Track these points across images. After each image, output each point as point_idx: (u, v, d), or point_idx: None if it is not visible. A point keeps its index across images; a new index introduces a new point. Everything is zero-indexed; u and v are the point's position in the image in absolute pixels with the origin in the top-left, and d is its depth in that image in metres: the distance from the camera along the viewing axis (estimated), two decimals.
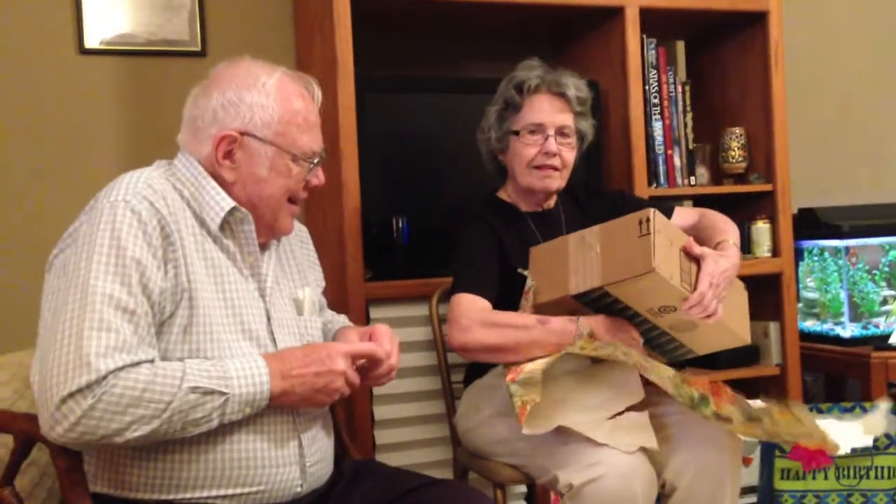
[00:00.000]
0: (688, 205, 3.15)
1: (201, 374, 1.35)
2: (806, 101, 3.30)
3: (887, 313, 2.88)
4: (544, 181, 2.01)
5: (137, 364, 1.31)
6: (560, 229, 2.07)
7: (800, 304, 2.90)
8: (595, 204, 2.16)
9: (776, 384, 2.71)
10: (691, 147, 2.75)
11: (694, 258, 1.79)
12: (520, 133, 2.00)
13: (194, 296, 1.41)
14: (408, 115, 2.46)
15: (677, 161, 2.71)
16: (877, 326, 2.87)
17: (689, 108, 2.75)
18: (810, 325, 2.98)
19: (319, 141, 1.57)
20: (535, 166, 2.00)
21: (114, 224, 1.35)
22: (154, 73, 2.54)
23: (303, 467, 1.50)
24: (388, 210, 2.32)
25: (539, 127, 1.99)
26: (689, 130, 2.75)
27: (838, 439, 1.73)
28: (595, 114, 2.12)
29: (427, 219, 2.36)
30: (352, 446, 1.84)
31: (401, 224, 2.32)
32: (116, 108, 2.52)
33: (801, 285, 2.95)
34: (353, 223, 2.24)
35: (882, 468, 2.44)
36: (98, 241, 1.35)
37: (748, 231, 2.76)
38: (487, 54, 2.83)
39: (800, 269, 2.96)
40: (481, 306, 1.87)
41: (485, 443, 1.95)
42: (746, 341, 1.93)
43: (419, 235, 2.33)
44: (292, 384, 1.42)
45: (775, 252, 2.75)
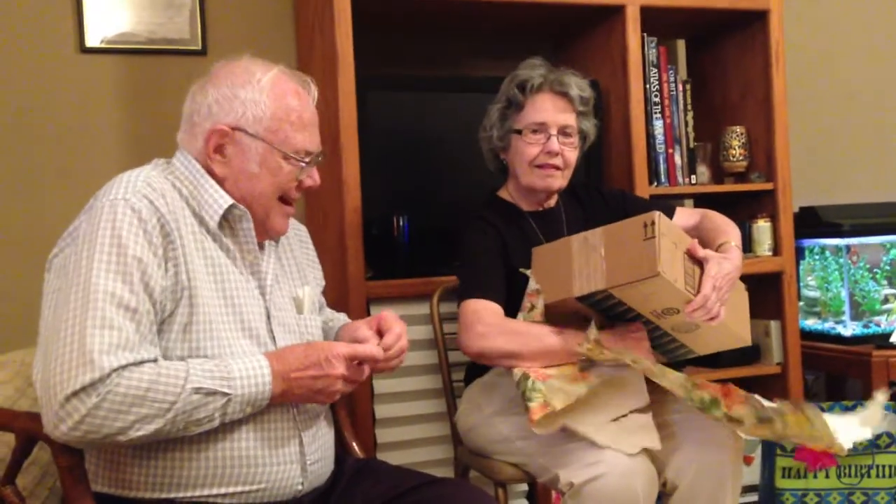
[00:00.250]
0: (689, 204, 3.15)
1: (205, 375, 1.35)
2: (807, 100, 3.29)
3: (888, 312, 2.88)
4: (546, 180, 2.01)
5: (141, 363, 1.31)
6: (561, 228, 2.07)
7: (801, 303, 2.90)
8: (596, 203, 2.15)
9: (777, 383, 2.71)
10: (692, 146, 2.75)
11: (697, 260, 1.79)
12: (522, 132, 1.99)
13: (194, 294, 1.41)
14: (408, 113, 2.46)
15: (678, 160, 2.71)
16: (878, 325, 2.87)
17: (689, 107, 2.75)
18: (811, 323, 2.98)
19: (315, 141, 1.55)
20: (537, 165, 2.00)
21: (114, 222, 1.36)
22: (155, 71, 2.54)
23: (303, 466, 1.50)
24: (389, 209, 2.32)
25: (541, 126, 1.98)
26: (689, 129, 2.75)
27: (842, 438, 1.72)
28: (596, 113, 2.12)
29: (428, 217, 2.36)
30: (353, 445, 1.84)
31: (401, 223, 2.32)
32: (117, 106, 2.52)
33: (801, 284, 2.95)
34: (353, 222, 2.24)
35: (883, 467, 2.44)
36: (99, 240, 1.35)
37: (749, 230, 2.76)
38: (488, 53, 2.83)
39: (801, 267, 2.96)
40: (494, 311, 1.87)
41: (486, 441, 1.95)
42: (747, 342, 1.93)
43: (420, 234, 2.33)
44: (291, 386, 1.43)
45: (776, 251, 2.75)
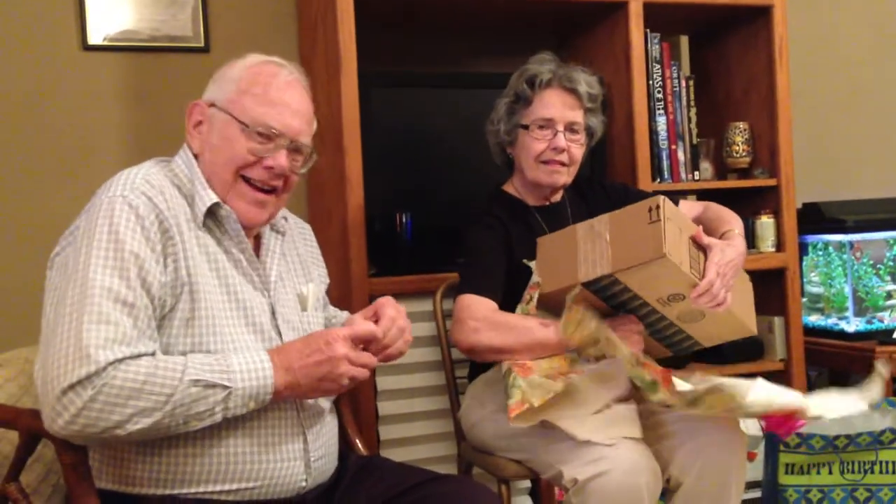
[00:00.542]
0: (692, 199, 3.15)
1: (203, 368, 1.34)
2: (810, 96, 3.29)
3: (892, 308, 2.88)
4: (552, 176, 2.01)
5: (138, 356, 1.32)
6: (567, 222, 2.06)
7: (804, 299, 2.90)
8: (599, 197, 2.16)
9: (780, 379, 2.70)
10: (695, 142, 2.74)
11: (701, 248, 1.80)
12: (529, 127, 1.99)
13: (195, 289, 1.41)
14: (411, 111, 2.46)
15: (681, 156, 2.70)
16: (881, 321, 2.87)
17: (692, 103, 2.74)
18: (815, 319, 2.98)
19: (284, 123, 1.49)
20: (543, 161, 2.00)
21: (111, 219, 1.36)
22: (157, 69, 2.54)
23: (307, 462, 1.50)
24: (392, 206, 2.32)
25: (549, 122, 1.98)
26: (692, 125, 2.74)
27: (825, 407, 1.69)
28: (604, 109, 2.12)
29: (431, 215, 2.36)
30: (356, 442, 1.85)
31: (404, 220, 2.32)
32: (119, 104, 2.52)
33: (805, 280, 2.95)
34: (356, 219, 2.24)
35: (887, 462, 2.43)
36: (96, 237, 1.35)
37: (752, 226, 2.75)
38: (492, 50, 2.83)
39: (804, 263, 2.95)
40: (487, 306, 1.88)
41: (489, 438, 1.95)
42: (753, 331, 1.93)
43: (423, 231, 2.33)
44: (296, 377, 1.41)
45: (779, 247, 2.75)
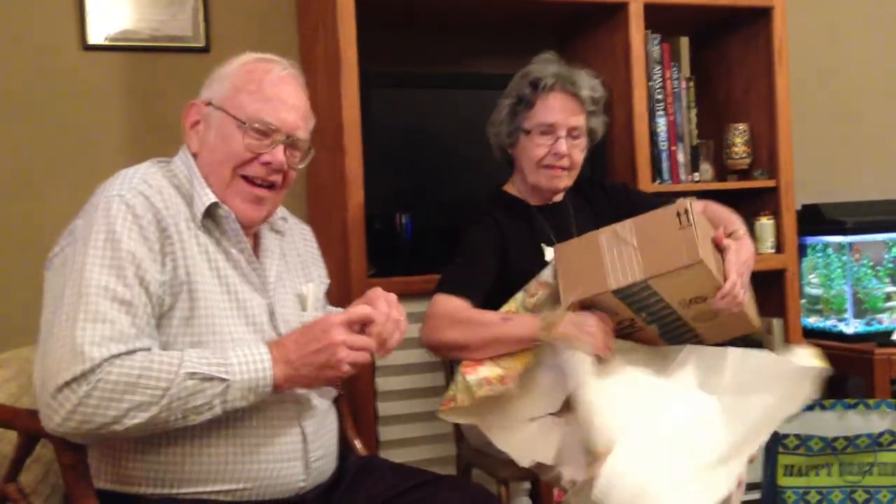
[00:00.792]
0: (691, 200, 3.14)
1: (200, 361, 1.34)
2: (810, 97, 3.29)
3: (891, 310, 2.88)
4: (553, 181, 2.01)
5: (133, 352, 1.32)
6: (569, 223, 2.07)
7: (803, 301, 2.90)
8: (599, 197, 2.16)
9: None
10: (695, 143, 2.74)
11: (717, 248, 1.81)
12: (531, 133, 1.99)
13: (194, 288, 1.41)
14: (412, 111, 2.45)
15: (681, 157, 2.70)
16: (880, 323, 2.87)
17: (692, 104, 2.75)
18: (814, 321, 2.98)
19: (280, 118, 1.49)
20: (545, 165, 2.00)
21: (108, 218, 1.36)
22: (158, 69, 2.54)
23: (306, 462, 1.50)
24: (392, 206, 2.32)
25: (551, 128, 1.98)
26: (692, 126, 2.74)
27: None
28: (606, 110, 2.11)
29: (430, 215, 2.35)
30: (356, 443, 1.85)
31: (404, 220, 2.31)
32: (120, 104, 2.52)
33: (804, 281, 2.95)
34: (356, 219, 2.24)
35: (885, 465, 2.44)
36: (94, 236, 1.36)
37: (752, 227, 2.75)
38: (492, 50, 2.82)
39: (803, 265, 2.95)
40: (454, 305, 1.85)
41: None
42: (758, 327, 1.95)
43: (422, 232, 2.33)
44: (296, 367, 1.39)
45: (779, 248, 2.75)
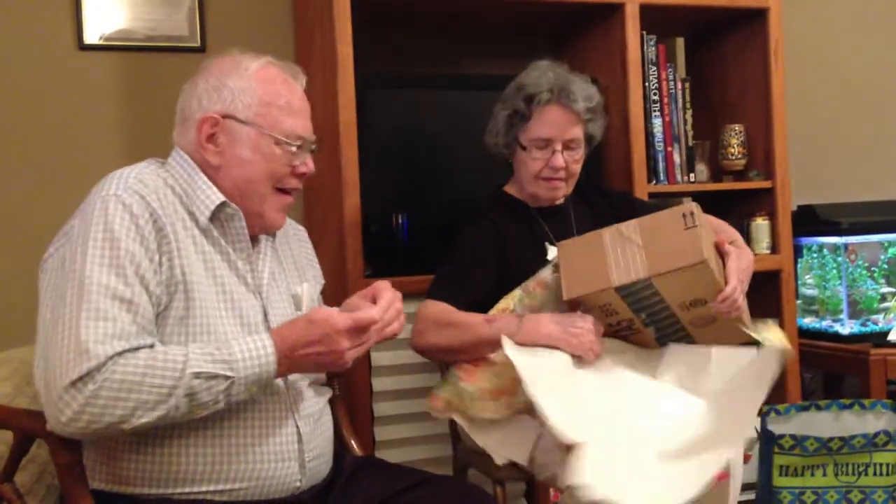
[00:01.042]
0: (687, 201, 3.15)
1: (205, 359, 1.34)
2: (805, 98, 3.30)
3: (886, 310, 2.88)
4: (551, 192, 2.03)
5: (137, 349, 1.32)
6: (569, 225, 2.07)
7: (799, 301, 2.90)
8: (601, 202, 2.16)
9: (776, 381, 2.71)
10: (691, 144, 2.75)
11: (720, 254, 1.82)
12: (527, 148, 1.99)
13: (190, 288, 1.41)
14: (408, 111, 2.45)
15: (677, 158, 2.71)
16: (875, 323, 2.87)
17: (688, 105, 2.75)
18: (809, 321, 2.98)
19: (307, 128, 1.56)
20: (542, 178, 2.00)
21: (106, 218, 1.36)
22: (154, 68, 2.54)
23: (302, 462, 1.50)
24: (388, 207, 2.32)
25: (547, 142, 1.97)
26: (688, 127, 2.75)
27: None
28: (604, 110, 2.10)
29: (427, 215, 2.36)
30: (352, 442, 1.85)
31: (400, 221, 2.32)
32: (116, 104, 2.52)
33: (799, 282, 2.95)
34: (352, 220, 2.24)
35: (880, 465, 2.43)
36: (92, 236, 1.35)
37: (747, 228, 2.76)
38: (488, 51, 2.82)
39: (799, 265, 2.96)
40: (440, 308, 1.87)
41: None
42: (752, 337, 1.94)
43: (419, 232, 2.33)
44: (298, 363, 1.41)
45: (774, 249, 2.75)
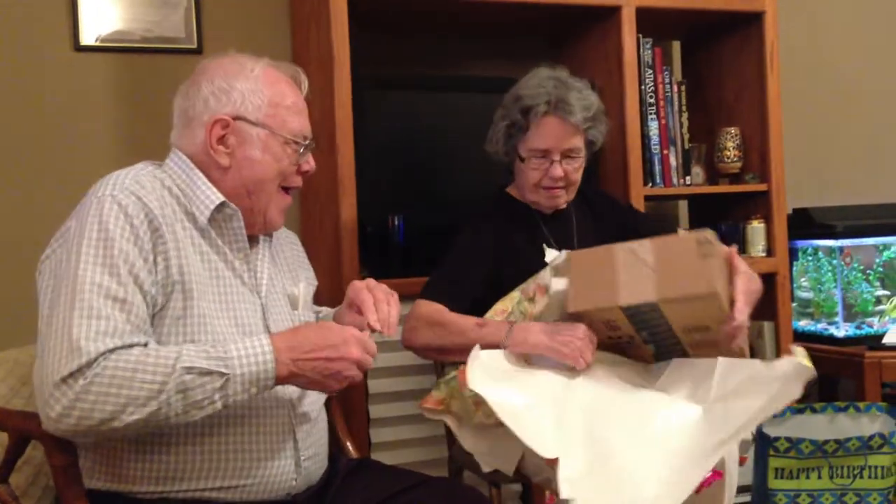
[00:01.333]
0: (683, 205, 3.16)
1: (198, 355, 1.32)
2: (801, 102, 3.30)
3: (881, 313, 2.89)
4: (551, 200, 2.03)
5: (130, 347, 1.32)
6: (571, 229, 2.08)
7: (794, 304, 2.91)
8: (605, 210, 2.17)
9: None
10: (687, 147, 2.75)
11: (730, 269, 1.78)
12: (525, 159, 1.99)
13: (188, 288, 1.41)
14: (404, 112, 2.45)
15: (673, 161, 2.71)
16: (871, 326, 2.88)
17: (684, 108, 2.75)
18: (804, 324, 2.99)
19: (309, 127, 1.59)
20: (543, 187, 2.00)
21: (101, 217, 1.37)
22: (150, 70, 2.54)
23: (297, 461, 1.51)
24: (384, 208, 2.32)
25: (545, 153, 1.97)
26: (684, 130, 2.75)
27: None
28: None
29: (423, 217, 2.36)
30: (347, 444, 1.85)
31: (396, 222, 2.32)
32: (112, 105, 2.51)
33: (795, 285, 2.96)
34: (348, 221, 2.24)
35: (875, 468, 2.44)
36: (86, 235, 1.36)
37: (743, 231, 2.77)
38: (485, 52, 2.83)
39: (794, 268, 2.96)
40: (433, 308, 1.87)
41: None
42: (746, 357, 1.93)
43: (415, 233, 2.33)
44: (302, 368, 1.39)
45: (770, 252, 2.76)
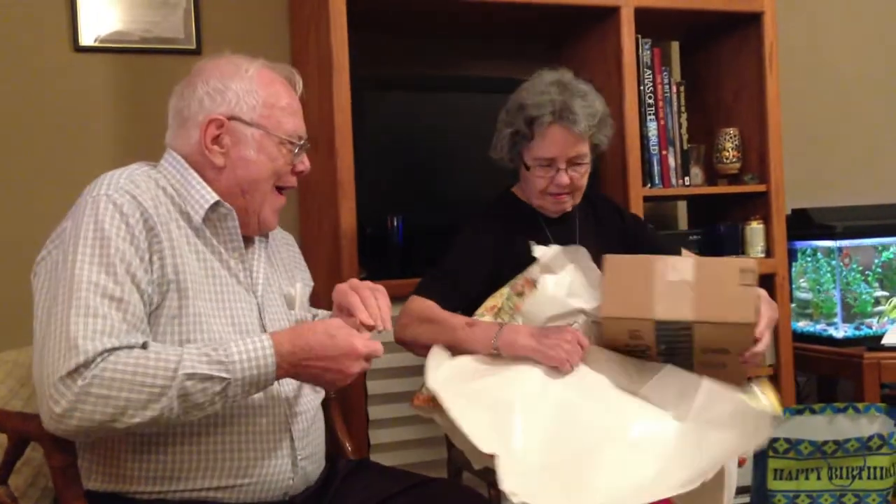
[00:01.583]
0: (682, 207, 3.17)
1: (200, 360, 1.32)
2: (800, 102, 3.31)
3: (880, 314, 2.89)
4: (557, 205, 2.03)
5: (129, 347, 1.32)
6: (573, 232, 2.08)
7: (793, 305, 2.91)
8: (611, 217, 2.17)
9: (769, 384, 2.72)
10: (686, 147, 2.75)
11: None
12: (531, 167, 1.99)
13: (183, 287, 1.42)
14: (404, 113, 2.46)
15: (672, 161, 2.71)
16: (869, 327, 2.88)
17: (683, 109, 2.75)
18: (803, 325, 2.99)
19: (303, 127, 1.60)
20: (548, 193, 2.00)
21: (96, 217, 1.37)
22: (149, 70, 2.53)
23: (294, 460, 1.51)
24: (384, 209, 2.32)
25: (550, 161, 1.97)
26: (683, 131, 2.75)
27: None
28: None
29: (422, 218, 2.36)
30: (346, 446, 1.85)
31: (396, 223, 2.32)
32: (111, 105, 2.51)
33: (794, 286, 2.96)
34: (348, 222, 2.24)
35: (874, 468, 2.44)
36: (83, 235, 1.36)
37: (742, 232, 2.77)
38: (483, 53, 2.83)
39: (793, 269, 2.97)
40: (425, 304, 1.88)
41: None
42: (742, 387, 1.94)
43: (414, 235, 2.33)
44: (299, 372, 1.41)
45: (769, 252, 2.76)
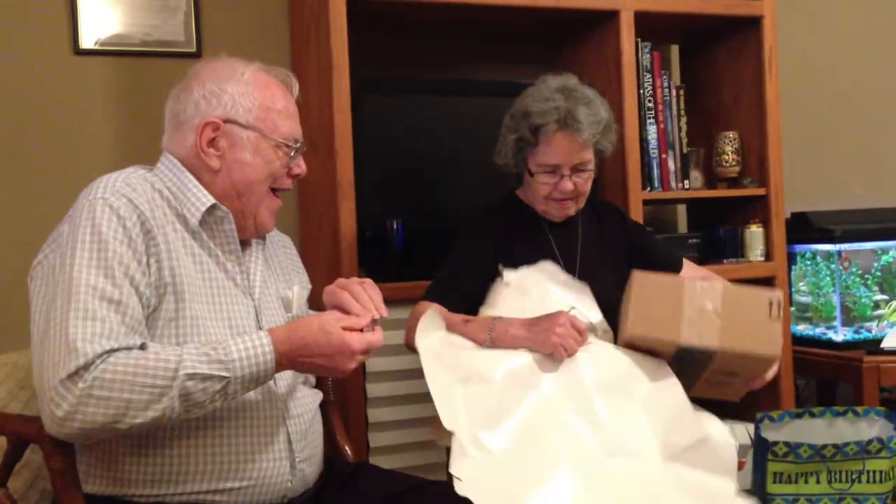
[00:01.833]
0: (681, 210, 3.16)
1: (200, 360, 1.33)
2: (799, 106, 3.31)
3: (879, 318, 2.89)
4: (561, 211, 2.04)
5: (129, 349, 1.32)
6: (575, 238, 2.08)
7: (792, 308, 2.91)
8: (615, 223, 2.17)
9: (768, 388, 2.70)
10: (685, 151, 2.76)
11: None
12: (535, 173, 2.00)
13: (180, 289, 1.42)
14: (403, 116, 2.46)
15: (671, 165, 2.72)
16: (869, 331, 2.88)
17: (683, 112, 2.76)
18: (802, 329, 2.99)
19: (299, 130, 1.60)
20: (552, 199, 2.01)
21: (93, 220, 1.37)
22: (149, 74, 2.54)
23: (292, 462, 1.51)
24: (383, 212, 2.33)
25: (555, 168, 1.97)
26: (683, 134, 2.76)
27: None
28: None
29: (422, 221, 2.36)
30: (346, 448, 1.84)
31: (395, 226, 2.32)
32: (111, 108, 2.51)
33: (793, 289, 2.96)
34: (347, 225, 2.24)
35: (874, 472, 2.44)
36: (80, 238, 1.36)
37: (741, 235, 2.77)
38: (483, 56, 2.83)
39: (792, 273, 2.97)
40: (430, 307, 1.89)
41: None
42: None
43: (414, 238, 2.33)
44: (296, 366, 1.43)
45: (768, 256, 2.76)
